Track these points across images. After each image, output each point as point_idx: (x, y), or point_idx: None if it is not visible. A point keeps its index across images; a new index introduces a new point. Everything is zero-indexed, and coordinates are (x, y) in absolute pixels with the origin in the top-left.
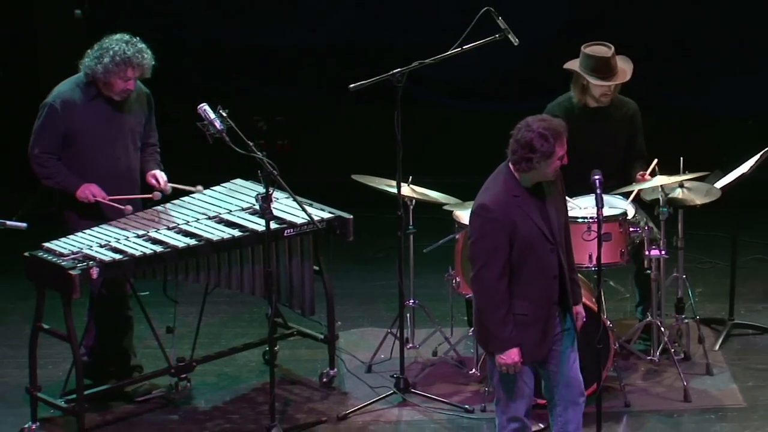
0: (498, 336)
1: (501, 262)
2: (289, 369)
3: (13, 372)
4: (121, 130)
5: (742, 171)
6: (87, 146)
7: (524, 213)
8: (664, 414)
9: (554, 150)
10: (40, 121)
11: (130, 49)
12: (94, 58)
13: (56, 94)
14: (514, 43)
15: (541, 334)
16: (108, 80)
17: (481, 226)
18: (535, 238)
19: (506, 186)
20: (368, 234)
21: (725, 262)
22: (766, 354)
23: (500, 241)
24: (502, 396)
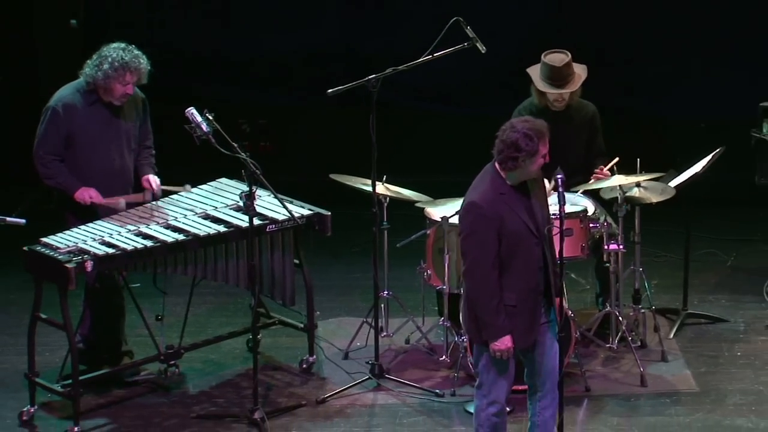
0: (492, 324)
1: (491, 255)
2: (271, 356)
3: (12, 358)
4: (118, 133)
5: (695, 171)
6: (86, 148)
7: (511, 209)
8: (622, 398)
9: (538, 149)
10: (43, 124)
11: (128, 55)
12: (94, 66)
13: (58, 98)
14: (482, 50)
15: (528, 323)
16: (108, 85)
17: (471, 222)
18: (522, 233)
19: (493, 184)
20: (345, 229)
21: (679, 256)
22: (717, 342)
23: (489, 235)
24: (486, 381)
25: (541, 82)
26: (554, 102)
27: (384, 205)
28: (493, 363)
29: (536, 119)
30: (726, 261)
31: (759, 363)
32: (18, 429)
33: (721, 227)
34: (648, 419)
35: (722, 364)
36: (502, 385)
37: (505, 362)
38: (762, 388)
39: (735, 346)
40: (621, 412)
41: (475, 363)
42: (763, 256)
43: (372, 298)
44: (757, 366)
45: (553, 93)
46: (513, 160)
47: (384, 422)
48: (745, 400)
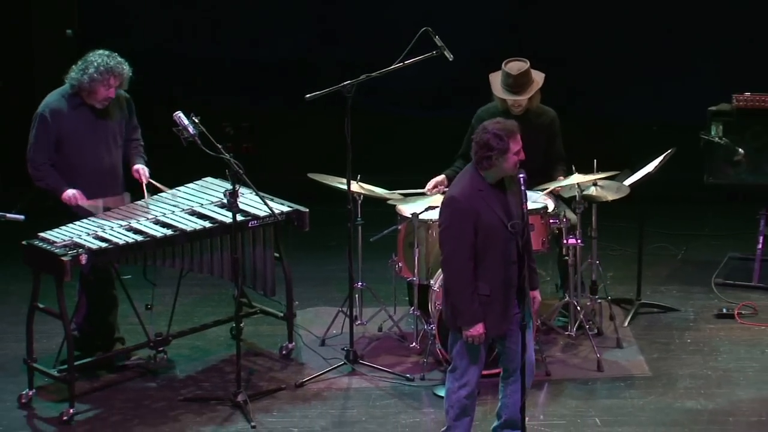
0: (465, 312)
1: (467, 246)
2: (253, 343)
3: (12, 345)
4: (104, 133)
5: (648, 170)
6: (74, 149)
7: (487, 205)
8: (580, 382)
9: (509, 146)
10: (34, 130)
11: (112, 61)
12: (80, 71)
13: (45, 105)
14: (449, 58)
15: (500, 312)
16: (93, 89)
17: (449, 215)
18: (496, 227)
19: (472, 182)
20: (322, 225)
21: (633, 250)
22: (668, 330)
23: (466, 228)
24: (459, 365)
25: (500, 88)
26: (512, 107)
27: (358, 202)
28: (466, 349)
29: (507, 119)
30: (677, 254)
31: (707, 349)
32: (17, 411)
33: (672, 223)
34: (604, 402)
35: (673, 351)
36: (474, 370)
37: (477, 349)
38: (710, 373)
39: (685, 333)
40: (579, 396)
41: (450, 348)
42: (711, 250)
43: (347, 288)
44: (705, 352)
45: (510, 99)
46: (487, 159)
47: (358, 405)
48: (695, 384)
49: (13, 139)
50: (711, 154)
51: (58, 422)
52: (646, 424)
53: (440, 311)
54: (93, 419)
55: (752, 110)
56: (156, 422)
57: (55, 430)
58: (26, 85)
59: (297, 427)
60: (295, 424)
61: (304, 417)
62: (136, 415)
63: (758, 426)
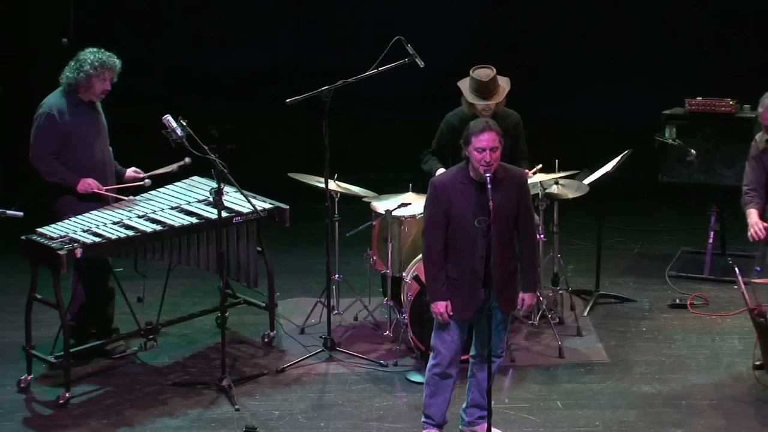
0: (431, 289)
1: (437, 229)
2: (237, 331)
3: (11, 333)
4: (100, 128)
5: (606, 170)
6: (77, 144)
7: (463, 197)
8: (543, 368)
9: (470, 140)
10: (39, 128)
11: (103, 56)
12: (75, 70)
13: (49, 105)
14: (420, 65)
15: (465, 299)
16: (90, 84)
17: (428, 198)
18: (467, 220)
19: (456, 174)
20: (301, 221)
21: (592, 244)
22: (625, 319)
23: (437, 212)
24: (434, 345)
25: (470, 94)
26: (482, 111)
27: (335, 199)
28: (440, 331)
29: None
30: (633, 248)
31: (662, 337)
32: (16, 395)
33: (629, 219)
34: (565, 386)
35: (629, 338)
36: (445, 350)
37: (449, 331)
38: (664, 359)
39: (641, 322)
40: (542, 380)
41: None
42: (665, 244)
43: (325, 280)
44: (660, 340)
45: (480, 104)
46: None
47: (335, 389)
48: (650, 370)
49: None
50: (665, 154)
51: (54, 405)
52: (605, 407)
53: (412, 301)
54: (87, 402)
55: (703, 114)
56: (146, 405)
57: (52, 412)
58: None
59: (278, 410)
60: (276, 407)
61: (284, 400)
62: (128, 399)
63: (709, 408)
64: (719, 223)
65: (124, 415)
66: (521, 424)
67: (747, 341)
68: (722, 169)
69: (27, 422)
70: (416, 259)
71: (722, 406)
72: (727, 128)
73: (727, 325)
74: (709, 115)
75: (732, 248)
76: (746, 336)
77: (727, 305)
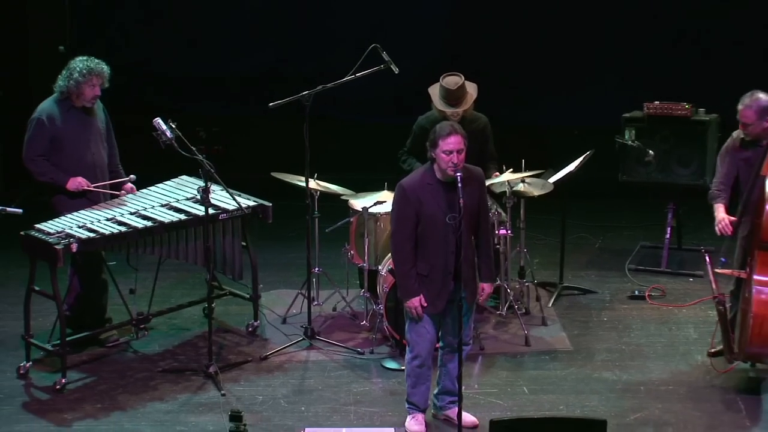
0: (403, 286)
1: (407, 229)
2: (223, 321)
3: (11, 323)
4: (92, 131)
5: (570, 169)
6: (68, 147)
7: (432, 197)
8: (510, 355)
9: (437, 142)
10: (31, 132)
11: (92, 63)
12: (66, 78)
13: (41, 111)
14: (395, 72)
15: (435, 293)
16: (81, 91)
17: (396, 200)
18: (437, 219)
19: (424, 175)
20: (283, 218)
21: (556, 239)
22: (587, 309)
23: (407, 213)
24: (410, 339)
25: (439, 101)
26: (450, 116)
27: (315, 197)
28: (415, 326)
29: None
30: (595, 243)
31: (621, 327)
32: (16, 380)
33: (591, 216)
34: (531, 372)
35: (591, 328)
36: (422, 342)
37: (423, 324)
38: (624, 347)
39: (602, 313)
40: (509, 367)
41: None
42: (625, 239)
43: (305, 273)
44: (620, 329)
45: (449, 111)
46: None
47: (315, 375)
48: (610, 357)
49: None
50: (625, 155)
51: (52, 390)
52: (568, 392)
53: (387, 293)
54: (82, 388)
55: (661, 117)
56: (138, 390)
57: (49, 397)
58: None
59: (261, 395)
60: (259, 392)
61: (267, 386)
62: (120, 385)
63: (666, 394)
64: (675, 220)
65: (117, 400)
66: (490, 407)
67: (702, 330)
68: (678, 168)
69: (26, 406)
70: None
71: (678, 391)
72: (683, 130)
73: (683, 315)
74: (666, 118)
75: (687, 243)
76: (701, 325)
77: (683, 296)
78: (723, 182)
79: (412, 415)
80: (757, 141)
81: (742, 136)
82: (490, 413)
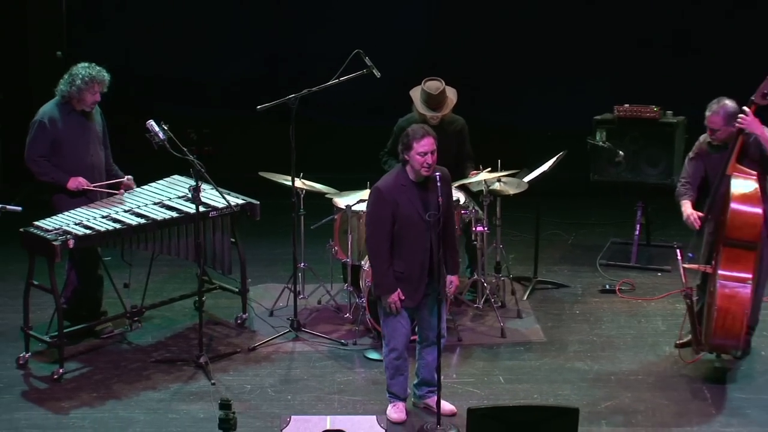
0: (381, 283)
1: (383, 229)
2: (213, 313)
3: (11, 316)
4: (91, 134)
5: (543, 169)
6: (67, 149)
7: (407, 197)
8: (486, 347)
9: (411, 145)
10: (33, 134)
11: (93, 71)
12: (68, 83)
13: (42, 114)
14: (377, 76)
15: (412, 289)
16: (82, 96)
17: (371, 202)
18: (413, 217)
19: (398, 177)
20: (271, 215)
21: (531, 236)
22: (560, 303)
23: (383, 214)
24: (386, 333)
25: (421, 105)
26: (431, 119)
27: (301, 196)
28: (391, 321)
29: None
30: (567, 240)
31: (593, 319)
32: (15, 370)
33: (564, 213)
34: (507, 363)
35: (564, 320)
36: (398, 336)
37: (398, 318)
38: (595, 339)
39: (574, 306)
40: (485, 358)
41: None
42: (596, 236)
43: (292, 268)
44: (591, 321)
45: (430, 115)
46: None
47: (301, 365)
48: (582, 348)
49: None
50: (596, 155)
51: (49, 380)
52: (542, 381)
53: (370, 287)
54: (79, 377)
55: (631, 119)
56: (131, 380)
57: (47, 386)
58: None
59: (250, 384)
60: (248, 381)
61: (255, 376)
62: (115, 374)
63: (635, 383)
64: (644, 217)
65: (112, 389)
66: (467, 396)
67: (669, 322)
68: (647, 168)
69: (25, 395)
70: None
71: (647, 380)
72: (651, 132)
73: (651, 308)
74: (635, 120)
75: (656, 239)
76: (669, 318)
77: (651, 290)
78: (689, 181)
79: (393, 403)
80: (724, 145)
81: (709, 141)
82: (468, 401)
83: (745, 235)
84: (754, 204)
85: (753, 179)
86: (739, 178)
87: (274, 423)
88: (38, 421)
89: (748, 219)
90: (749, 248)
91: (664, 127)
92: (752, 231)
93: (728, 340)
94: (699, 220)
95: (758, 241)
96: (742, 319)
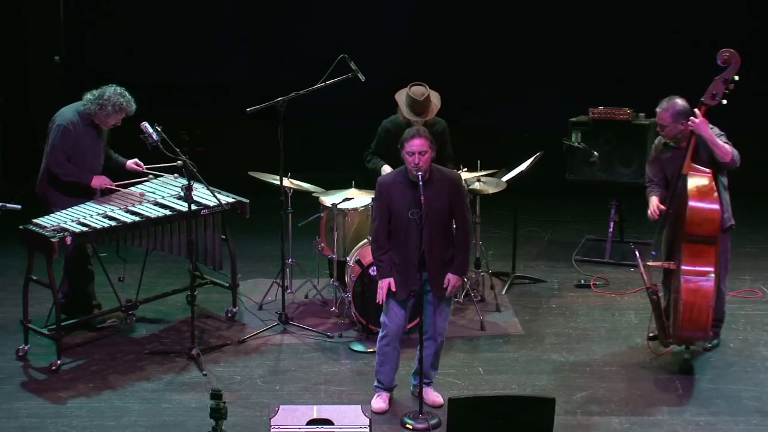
0: (377, 268)
1: (381, 220)
2: (204, 307)
3: (11, 309)
4: (99, 146)
5: (521, 169)
6: (79, 155)
7: (400, 194)
8: (467, 339)
9: (403, 146)
10: (58, 138)
11: (125, 100)
12: (97, 104)
13: (64, 118)
14: (362, 79)
15: (403, 282)
16: (106, 120)
17: (375, 194)
18: (403, 214)
19: (397, 175)
20: (260, 213)
21: (509, 233)
22: (537, 297)
23: (381, 206)
24: (382, 320)
25: (406, 109)
26: (414, 124)
27: (289, 194)
28: (386, 308)
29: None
30: (544, 237)
31: (568, 313)
32: (15, 362)
33: (540, 211)
34: (486, 355)
35: (541, 314)
36: (391, 325)
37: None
38: (571, 332)
39: (551, 300)
40: (466, 350)
41: None
42: (571, 233)
43: (280, 264)
44: (567, 315)
45: (413, 119)
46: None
47: (289, 357)
48: (558, 341)
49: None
50: (571, 156)
51: (47, 371)
52: (520, 372)
53: (354, 282)
54: (76, 369)
55: (605, 121)
56: (126, 371)
57: (46, 377)
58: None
59: (240, 375)
60: (238, 372)
61: (245, 367)
62: (111, 366)
63: (609, 374)
64: (618, 215)
65: (108, 380)
66: (449, 386)
67: (642, 316)
68: (621, 168)
69: (24, 385)
70: (358, 246)
71: (621, 371)
72: (625, 133)
73: (624, 302)
74: (609, 122)
75: (629, 236)
76: (641, 312)
77: (625, 285)
78: (654, 181)
79: (378, 393)
80: (677, 143)
81: (664, 141)
82: (449, 392)
83: (704, 231)
84: (710, 200)
85: (708, 177)
86: (695, 177)
87: (263, 412)
88: (37, 410)
89: (706, 215)
90: (709, 243)
91: (636, 129)
92: (711, 226)
93: (696, 332)
94: (657, 211)
95: (717, 235)
96: (707, 310)
